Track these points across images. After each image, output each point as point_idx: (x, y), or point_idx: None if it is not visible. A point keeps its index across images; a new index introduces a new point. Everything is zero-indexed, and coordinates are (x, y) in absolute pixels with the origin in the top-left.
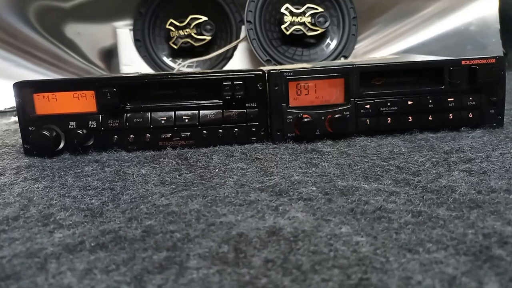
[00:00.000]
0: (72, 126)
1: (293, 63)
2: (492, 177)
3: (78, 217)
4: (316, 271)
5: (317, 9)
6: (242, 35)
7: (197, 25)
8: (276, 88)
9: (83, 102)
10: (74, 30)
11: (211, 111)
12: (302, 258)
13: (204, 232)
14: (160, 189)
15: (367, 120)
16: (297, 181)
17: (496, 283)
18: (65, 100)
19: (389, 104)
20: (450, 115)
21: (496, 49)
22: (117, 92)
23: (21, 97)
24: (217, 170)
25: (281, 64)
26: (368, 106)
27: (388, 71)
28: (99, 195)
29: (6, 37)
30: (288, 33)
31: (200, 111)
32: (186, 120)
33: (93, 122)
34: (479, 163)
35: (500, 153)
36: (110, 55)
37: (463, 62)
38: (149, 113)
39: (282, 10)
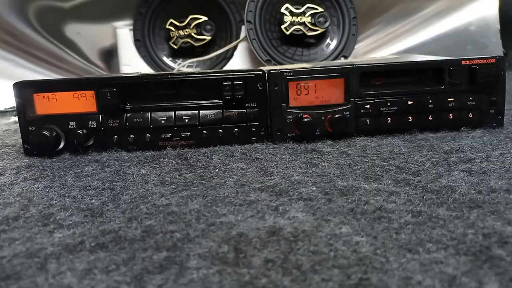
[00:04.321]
0: (72, 126)
1: (293, 63)
2: (492, 177)
3: (78, 217)
4: (316, 271)
5: (317, 9)
6: (242, 35)
7: (197, 25)
8: (276, 88)
9: (83, 102)
10: (74, 30)
11: (211, 111)
12: (302, 258)
13: (204, 232)
14: (160, 189)
15: (367, 120)
16: (297, 181)
17: (496, 283)
18: (65, 100)
19: (389, 104)
20: (450, 115)
21: (496, 49)
22: (117, 92)
23: (21, 97)
24: (217, 170)
25: (281, 64)
26: (368, 106)
27: (388, 71)
28: (99, 195)
29: (6, 37)
30: (288, 33)
31: (200, 111)
32: (186, 120)
33: (93, 122)
34: (479, 163)
35: (500, 153)
36: (110, 55)
37: (463, 62)
38: (149, 113)
39: (282, 10)
